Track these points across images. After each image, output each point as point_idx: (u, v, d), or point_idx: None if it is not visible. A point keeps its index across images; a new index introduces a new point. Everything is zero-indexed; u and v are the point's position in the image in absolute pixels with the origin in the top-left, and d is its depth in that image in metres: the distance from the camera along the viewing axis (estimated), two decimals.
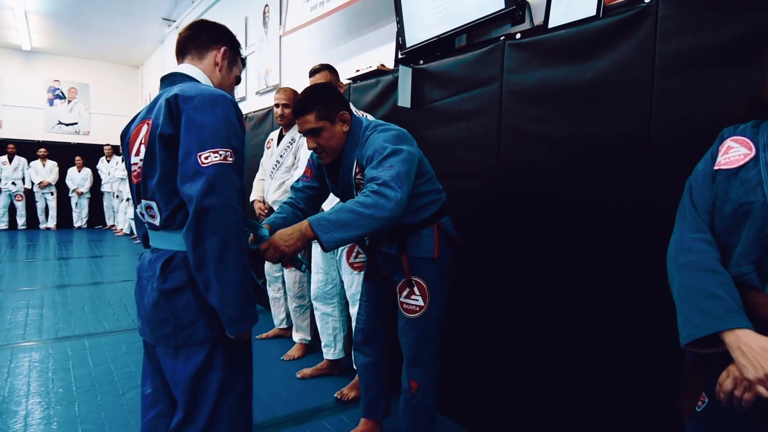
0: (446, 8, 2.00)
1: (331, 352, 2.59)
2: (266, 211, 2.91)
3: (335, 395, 2.33)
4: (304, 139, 2.77)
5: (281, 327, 3.21)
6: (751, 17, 1.21)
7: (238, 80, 1.37)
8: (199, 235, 1.07)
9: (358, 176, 1.59)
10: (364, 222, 1.32)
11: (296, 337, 2.94)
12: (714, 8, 1.27)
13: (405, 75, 2.30)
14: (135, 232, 1.56)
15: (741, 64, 1.23)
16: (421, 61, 2.30)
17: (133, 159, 1.23)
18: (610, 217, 1.52)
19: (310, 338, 2.92)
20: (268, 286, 3.19)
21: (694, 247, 0.99)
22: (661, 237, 1.38)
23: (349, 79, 2.83)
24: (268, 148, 3.08)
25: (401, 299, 1.66)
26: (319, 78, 2.33)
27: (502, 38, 1.89)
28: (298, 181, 1.80)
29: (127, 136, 1.30)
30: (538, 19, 1.87)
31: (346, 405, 2.27)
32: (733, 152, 0.98)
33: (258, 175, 3.15)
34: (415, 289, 1.63)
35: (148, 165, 1.16)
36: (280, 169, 2.89)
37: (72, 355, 2.79)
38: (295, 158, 2.84)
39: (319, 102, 1.55)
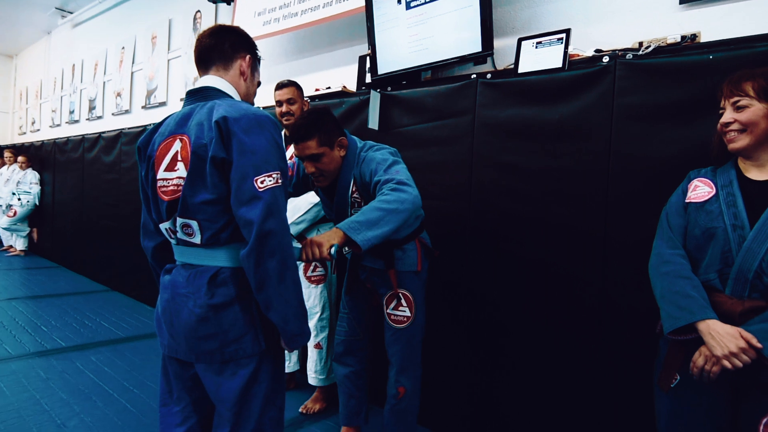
0: (422, 44, 2.20)
1: (286, 365, 2.56)
2: None
3: (300, 410, 2.33)
4: None
5: None
6: (687, 87, 1.58)
7: (259, 85, 1.39)
8: (261, 257, 1.09)
9: (354, 194, 1.69)
10: (391, 218, 1.36)
11: None
12: (661, 76, 1.63)
13: (375, 99, 2.45)
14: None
15: (681, 120, 1.58)
16: (389, 88, 2.47)
17: (162, 174, 1.21)
18: (570, 239, 1.81)
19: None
20: None
21: (672, 260, 1.29)
22: (614, 257, 1.70)
23: (308, 97, 2.89)
24: None
25: (389, 311, 1.78)
26: (287, 93, 2.37)
27: (473, 76, 2.13)
28: None
29: (150, 149, 1.26)
30: (499, 62, 2.16)
31: (314, 418, 2.29)
32: (700, 190, 1.30)
33: None
34: (402, 300, 1.76)
35: (193, 184, 1.15)
36: None
37: None
38: None
39: (320, 128, 1.60)
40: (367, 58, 2.59)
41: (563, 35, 1.87)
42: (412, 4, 2.21)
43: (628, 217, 1.69)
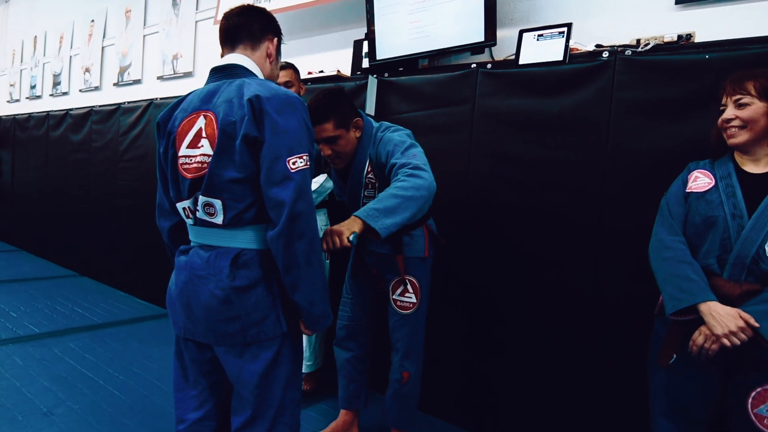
0: (424, 31, 2.20)
1: None
2: None
3: None
4: None
5: None
6: (683, 85, 1.66)
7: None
8: (290, 239, 1.09)
9: (369, 175, 1.69)
10: (408, 204, 1.37)
11: None
12: (658, 73, 1.70)
13: (372, 85, 2.44)
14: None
15: (676, 116, 1.67)
16: (386, 74, 2.47)
17: (184, 151, 1.19)
18: (567, 228, 1.88)
19: None
20: None
21: (673, 246, 1.37)
22: (609, 246, 1.79)
23: (301, 79, 2.85)
24: None
25: (395, 297, 1.80)
26: (285, 75, 2.33)
27: (473, 65, 2.16)
28: None
29: (171, 125, 1.23)
30: (496, 53, 2.19)
31: (307, 401, 2.30)
32: (700, 180, 1.38)
33: None
34: (409, 287, 1.78)
35: (220, 162, 1.13)
36: None
37: None
38: None
39: (336, 110, 1.60)
40: (364, 42, 2.57)
41: (564, 29, 1.92)
42: None
43: (623, 208, 1.77)
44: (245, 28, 1.24)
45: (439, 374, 2.21)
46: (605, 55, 1.82)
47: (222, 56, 1.28)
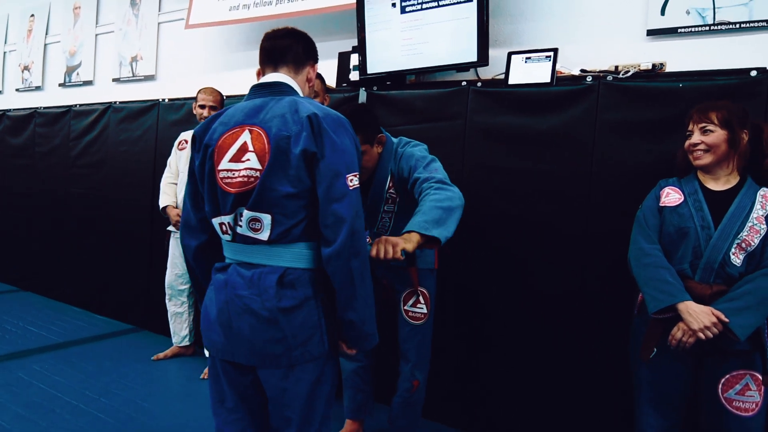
0: (417, 48, 2.30)
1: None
2: None
3: None
4: None
5: (182, 345, 2.94)
6: (659, 109, 1.87)
7: None
8: (349, 255, 1.11)
9: (390, 190, 1.74)
10: (451, 215, 1.41)
11: None
12: (637, 98, 1.91)
13: (362, 98, 2.50)
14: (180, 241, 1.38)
15: (653, 136, 1.87)
16: (375, 87, 2.54)
17: (226, 165, 1.17)
18: (555, 234, 2.05)
19: None
20: (168, 301, 2.90)
21: (652, 253, 1.56)
22: (594, 250, 1.97)
23: None
24: (181, 149, 2.83)
25: (406, 308, 1.87)
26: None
27: (464, 83, 2.29)
28: None
29: (209, 137, 1.21)
30: (482, 72, 2.33)
31: None
32: (671, 196, 1.59)
33: (167, 178, 2.85)
34: (420, 298, 1.86)
35: (273, 176, 1.12)
36: None
37: None
38: None
39: (363, 127, 1.64)
40: (351, 55, 2.62)
41: (551, 53, 2.09)
42: (408, 8, 2.29)
43: (606, 217, 1.95)
44: (291, 50, 1.26)
45: (435, 376, 2.30)
46: (589, 79, 2.01)
47: (261, 74, 1.29)
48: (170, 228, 2.83)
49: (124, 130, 3.55)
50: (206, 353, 2.77)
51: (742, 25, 1.88)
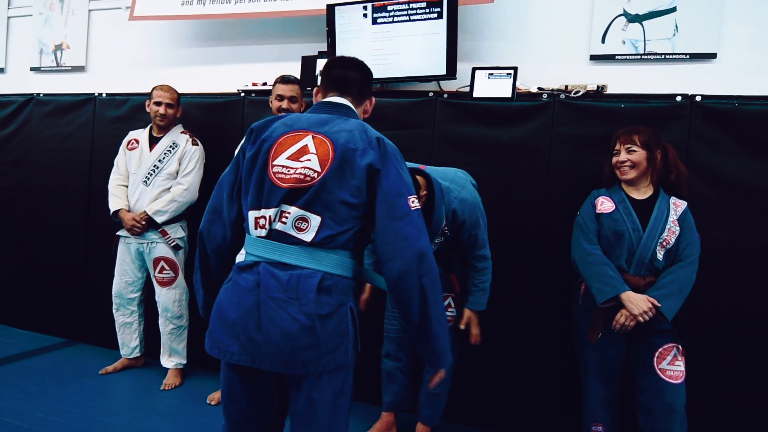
0: (388, 60, 2.41)
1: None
2: (143, 223, 2.53)
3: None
4: (189, 146, 2.61)
5: (131, 357, 2.78)
6: (604, 125, 2.15)
7: None
8: (420, 273, 1.13)
9: (445, 229, 1.90)
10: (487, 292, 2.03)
11: (170, 363, 2.66)
12: (587, 114, 2.19)
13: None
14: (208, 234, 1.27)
15: (599, 149, 2.15)
16: None
17: (283, 161, 1.19)
18: (516, 234, 2.28)
19: (185, 361, 2.70)
20: (115, 311, 2.73)
21: (593, 252, 1.86)
22: (550, 247, 2.22)
23: (244, 90, 2.81)
24: (131, 149, 2.68)
25: None
26: (292, 90, 2.34)
27: (431, 94, 2.44)
28: None
29: (268, 133, 1.24)
30: (443, 84, 2.50)
31: None
32: (605, 204, 1.90)
33: (116, 180, 2.68)
34: (451, 301, 2.05)
35: (335, 182, 1.16)
36: (160, 175, 2.59)
37: None
38: (179, 164, 2.61)
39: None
40: (317, 60, 2.66)
41: (512, 71, 2.32)
42: (379, 20, 2.39)
43: (560, 216, 2.21)
44: (358, 83, 1.33)
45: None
46: (545, 96, 2.26)
47: (326, 96, 1.32)
48: (120, 233, 2.66)
49: (52, 125, 3.24)
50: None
51: (667, 56, 2.24)
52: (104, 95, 3.14)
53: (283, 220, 1.17)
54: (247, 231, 1.25)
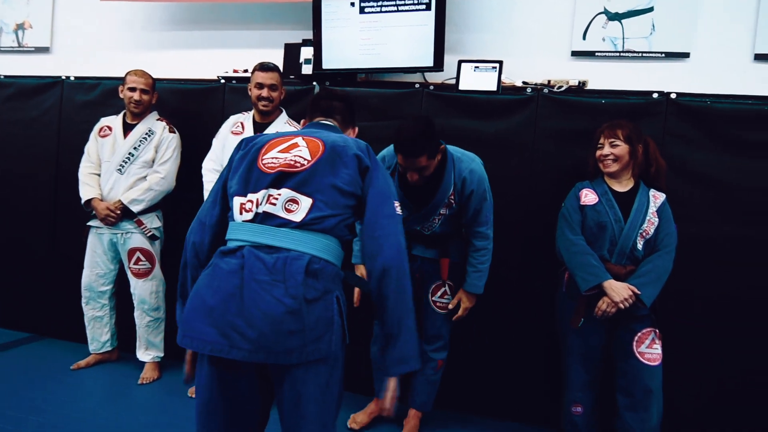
0: (375, 50, 2.39)
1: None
2: (117, 212, 2.43)
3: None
4: (166, 133, 2.53)
5: (102, 351, 2.67)
6: (586, 120, 2.22)
7: None
8: (401, 273, 1.17)
9: (451, 197, 1.92)
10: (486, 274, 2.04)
11: (147, 356, 2.59)
12: (569, 109, 2.26)
13: (315, 92, 2.53)
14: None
15: (581, 143, 2.21)
16: (327, 83, 2.58)
17: (274, 154, 1.24)
18: (500, 227, 2.31)
19: (163, 354, 2.63)
20: (85, 305, 2.62)
21: (577, 242, 1.93)
22: (532, 239, 2.28)
23: (224, 78, 2.73)
24: (104, 136, 2.57)
25: (434, 299, 2.07)
26: (272, 78, 2.31)
27: (417, 85, 2.45)
28: None
29: (260, 140, 1.31)
30: (430, 77, 2.52)
31: None
32: (589, 196, 1.97)
33: (87, 168, 2.56)
34: (447, 289, 2.07)
35: (327, 166, 1.22)
36: (135, 163, 2.50)
37: None
38: (155, 152, 2.52)
39: (430, 143, 1.80)
40: (302, 48, 2.62)
41: (497, 65, 2.35)
42: (367, 10, 2.38)
43: (543, 208, 2.27)
44: (344, 111, 1.47)
45: None
46: (529, 91, 2.31)
47: (313, 118, 1.46)
48: (91, 222, 2.55)
49: (14, 109, 3.06)
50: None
51: (644, 54, 2.33)
52: (73, 78, 2.99)
53: (272, 201, 1.18)
54: (231, 219, 1.24)
